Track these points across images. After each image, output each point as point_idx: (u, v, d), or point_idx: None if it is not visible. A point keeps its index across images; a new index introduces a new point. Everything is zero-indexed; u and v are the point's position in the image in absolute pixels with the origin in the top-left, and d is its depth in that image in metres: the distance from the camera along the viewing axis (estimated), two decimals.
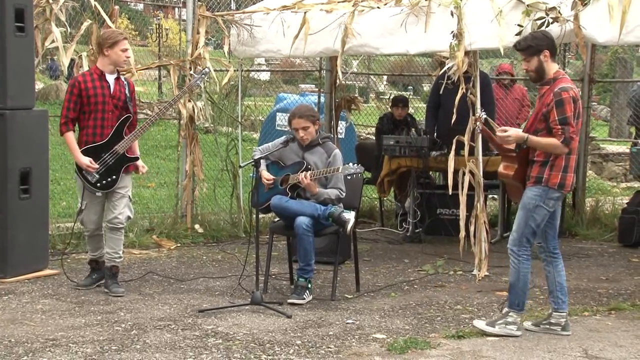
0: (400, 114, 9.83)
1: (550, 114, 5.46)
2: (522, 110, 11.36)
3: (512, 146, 5.66)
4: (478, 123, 5.89)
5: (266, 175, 6.70)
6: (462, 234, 7.27)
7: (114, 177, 6.62)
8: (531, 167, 5.61)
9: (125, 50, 6.69)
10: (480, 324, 5.65)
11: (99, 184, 6.61)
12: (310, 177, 6.50)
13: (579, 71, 14.33)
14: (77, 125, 6.69)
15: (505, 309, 5.69)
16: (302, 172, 6.59)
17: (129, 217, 6.76)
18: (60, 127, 6.65)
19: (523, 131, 5.64)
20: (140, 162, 6.83)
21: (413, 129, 9.47)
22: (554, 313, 5.73)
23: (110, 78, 6.68)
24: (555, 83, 5.56)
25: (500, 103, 10.65)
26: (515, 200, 5.82)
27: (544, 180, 5.54)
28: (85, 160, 6.55)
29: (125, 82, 6.79)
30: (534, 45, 5.56)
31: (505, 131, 5.57)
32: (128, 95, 6.71)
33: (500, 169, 5.69)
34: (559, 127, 5.44)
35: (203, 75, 7.28)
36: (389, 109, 10.22)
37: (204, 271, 7.61)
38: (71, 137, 6.64)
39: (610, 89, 20.64)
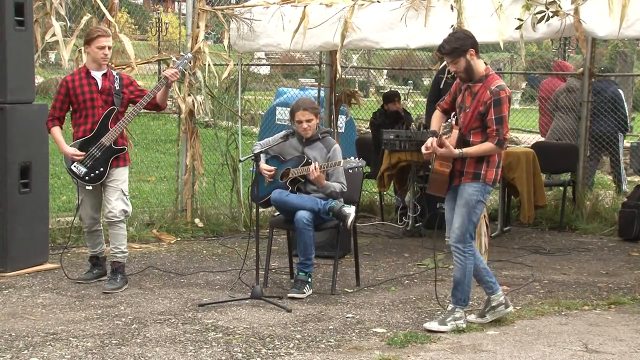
0: (389, 107, 9.86)
1: (487, 112, 5.45)
2: None
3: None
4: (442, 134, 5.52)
5: (266, 167, 6.69)
6: None
7: (102, 169, 6.59)
8: (464, 163, 5.55)
9: (102, 47, 6.58)
10: (432, 325, 5.57)
11: (87, 177, 6.61)
12: (320, 168, 6.48)
13: (579, 65, 14.32)
14: (71, 122, 6.73)
15: (451, 306, 5.67)
16: (302, 166, 6.59)
17: (124, 211, 6.68)
18: (46, 123, 6.74)
19: (461, 131, 5.54)
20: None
21: (413, 124, 9.47)
22: (492, 296, 5.77)
23: (97, 74, 6.64)
24: (489, 80, 5.52)
25: None
26: (437, 193, 5.71)
27: (482, 177, 5.54)
28: (70, 150, 6.58)
29: (116, 77, 6.70)
30: (458, 46, 5.49)
31: (442, 147, 5.45)
32: (118, 89, 6.64)
33: (436, 165, 5.56)
34: (495, 127, 5.43)
35: (185, 61, 6.97)
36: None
37: (204, 265, 7.61)
38: (56, 131, 6.68)
39: None
